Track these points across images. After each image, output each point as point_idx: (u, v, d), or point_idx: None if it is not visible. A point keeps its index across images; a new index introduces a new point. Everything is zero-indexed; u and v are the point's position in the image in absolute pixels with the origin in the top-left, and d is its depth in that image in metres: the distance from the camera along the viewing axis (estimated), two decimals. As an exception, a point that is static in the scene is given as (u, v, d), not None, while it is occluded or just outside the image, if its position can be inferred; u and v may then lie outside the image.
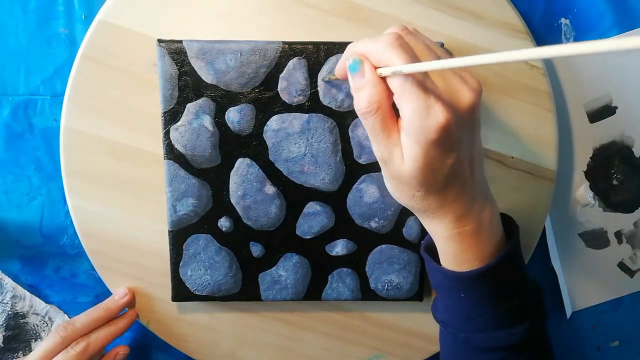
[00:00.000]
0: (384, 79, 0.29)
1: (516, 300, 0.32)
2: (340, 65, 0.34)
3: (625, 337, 0.52)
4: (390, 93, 0.29)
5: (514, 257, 0.33)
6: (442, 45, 0.39)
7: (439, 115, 0.27)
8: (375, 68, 0.29)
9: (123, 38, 0.40)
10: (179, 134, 0.40)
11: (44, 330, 0.48)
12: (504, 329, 0.32)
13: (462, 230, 0.31)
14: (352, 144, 0.41)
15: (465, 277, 0.32)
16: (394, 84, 0.28)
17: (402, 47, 0.28)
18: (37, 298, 0.48)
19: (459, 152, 0.29)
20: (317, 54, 0.39)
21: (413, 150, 0.28)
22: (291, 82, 0.40)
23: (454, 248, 0.32)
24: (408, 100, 0.28)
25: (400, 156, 0.29)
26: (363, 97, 0.29)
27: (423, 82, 0.27)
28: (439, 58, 0.30)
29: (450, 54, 0.41)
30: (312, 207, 0.42)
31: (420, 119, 0.27)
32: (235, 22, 0.40)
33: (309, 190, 0.42)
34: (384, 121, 0.29)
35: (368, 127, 0.30)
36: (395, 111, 0.30)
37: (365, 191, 0.42)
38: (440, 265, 0.34)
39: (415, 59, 0.28)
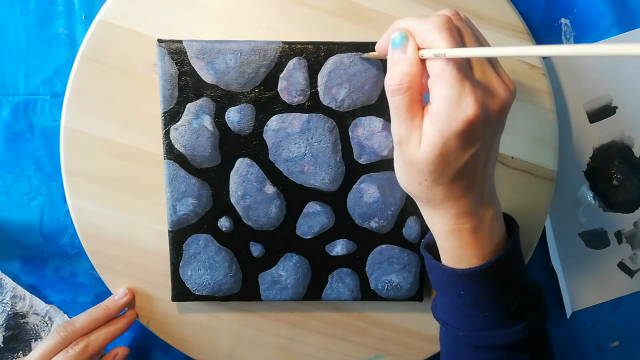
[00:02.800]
0: (423, 61, 0.29)
1: (515, 299, 0.32)
2: (382, 40, 0.33)
3: (625, 337, 0.52)
4: (423, 77, 0.29)
5: (514, 256, 0.33)
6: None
7: (469, 107, 0.27)
8: (418, 49, 0.29)
9: (123, 38, 0.40)
10: (179, 134, 0.40)
11: (44, 330, 0.48)
12: (503, 327, 0.32)
13: (461, 227, 0.31)
14: (352, 144, 0.41)
15: (464, 274, 0.32)
16: (433, 66, 0.28)
17: (450, 31, 0.27)
18: (37, 298, 0.48)
19: (477, 150, 0.29)
20: (317, 54, 0.39)
21: (433, 138, 0.28)
22: (291, 82, 0.40)
23: (453, 244, 0.32)
24: (443, 86, 0.27)
25: (417, 140, 0.29)
26: (396, 74, 0.29)
27: (463, 70, 0.27)
28: None
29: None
30: (312, 207, 0.42)
31: (450, 107, 0.27)
32: (235, 22, 0.40)
33: (309, 190, 0.42)
34: (410, 102, 0.29)
35: (393, 105, 0.30)
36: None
37: (365, 191, 0.42)
38: (440, 262, 0.34)
39: (461, 45, 0.28)
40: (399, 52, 0.29)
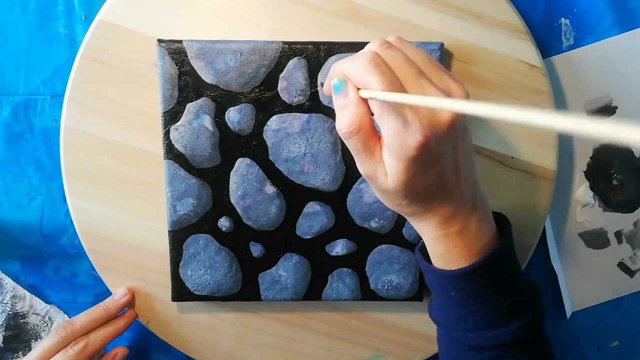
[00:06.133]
0: (365, 98, 0.30)
1: (508, 299, 0.32)
2: (326, 84, 0.34)
3: (625, 337, 0.52)
4: (370, 112, 0.30)
5: (504, 256, 0.33)
6: (442, 45, 0.39)
7: (416, 135, 0.27)
8: (358, 88, 0.30)
9: (123, 38, 0.40)
10: (179, 134, 0.40)
11: (44, 330, 0.48)
12: (496, 327, 0.32)
13: (448, 232, 0.32)
14: (352, 144, 0.41)
15: (452, 276, 0.32)
16: (373, 105, 0.29)
17: (378, 68, 0.28)
18: (37, 298, 0.48)
19: (441, 164, 0.29)
20: (317, 54, 0.39)
21: (395, 167, 0.29)
22: (291, 82, 0.40)
23: (441, 248, 0.32)
24: (386, 121, 0.28)
25: (383, 172, 0.30)
26: (345, 118, 0.30)
27: (400, 103, 0.28)
28: (419, 71, 0.29)
29: (449, 55, 0.41)
30: (312, 207, 0.42)
31: (398, 139, 0.28)
32: (235, 22, 0.40)
33: (309, 190, 0.42)
34: (365, 141, 0.30)
35: (351, 147, 0.31)
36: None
37: (365, 191, 0.42)
38: (432, 264, 0.34)
39: (392, 78, 0.28)
40: (342, 97, 0.30)
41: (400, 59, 0.29)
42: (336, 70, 0.31)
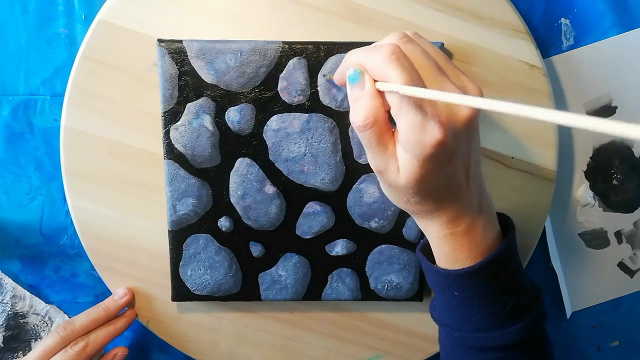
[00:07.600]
0: (381, 91, 0.29)
1: (511, 300, 0.32)
2: (340, 72, 0.33)
3: (625, 337, 0.52)
4: (386, 105, 0.29)
5: (508, 256, 0.33)
6: (442, 45, 0.39)
7: (435, 132, 0.27)
8: (375, 81, 0.29)
9: (123, 38, 0.40)
10: (179, 134, 0.40)
11: (44, 330, 0.48)
12: (499, 328, 0.32)
13: (454, 231, 0.31)
14: (352, 144, 0.41)
15: (457, 275, 0.32)
16: (391, 99, 0.28)
17: (399, 61, 0.27)
18: (37, 298, 0.48)
19: (455, 163, 0.29)
20: (317, 54, 0.39)
21: (409, 163, 0.29)
22: (291, 82, 0.40)
23: (446, 247, 0.32)
24: (405, 115, 0.27)
25: (395, 168, 0.30)
26: (360, 111, 0.29)
27: (420, 98, 0.27)
28: (438, 67, 0.29)
29: (449, 55, 0.41)
30: (312, 207, 0.42)
31: (416, 135, 0.27)
32: (235, 22, 0.40)
33: (309, 190, 0.42)
34: (380, 135, 0.29)
35: (364, 140, 0.30)
36: (391, 120, 0.30)
37: (365, 191, 0.42)
38: (435, 264, 0.34)
39: (413, 73, 0.28)
40: (357, 89, 0.29)
41: (420, 54, 0.29)
42: (352, 60, 0.30)
